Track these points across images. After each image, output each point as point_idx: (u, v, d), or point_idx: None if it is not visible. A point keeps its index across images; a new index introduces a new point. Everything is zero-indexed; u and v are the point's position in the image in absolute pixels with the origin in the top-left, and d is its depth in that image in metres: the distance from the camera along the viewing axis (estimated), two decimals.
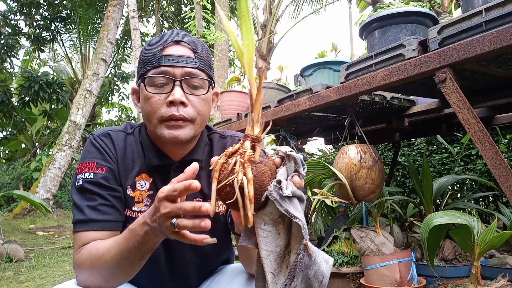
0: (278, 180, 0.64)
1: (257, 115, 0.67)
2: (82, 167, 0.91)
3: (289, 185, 0.65)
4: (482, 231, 1.37)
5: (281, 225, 0.68)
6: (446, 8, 1.75)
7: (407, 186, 3.36)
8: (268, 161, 0.66)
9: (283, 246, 0.69)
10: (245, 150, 0.64)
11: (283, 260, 0.70)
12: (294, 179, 0.66)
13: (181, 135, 0.89)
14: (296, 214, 0.64)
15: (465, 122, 1.19)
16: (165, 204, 0.67)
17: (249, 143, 0.65)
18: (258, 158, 0.65)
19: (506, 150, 3.01)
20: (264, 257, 0.68)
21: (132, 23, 5.74)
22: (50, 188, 7.16)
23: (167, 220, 0.68)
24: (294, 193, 0.65)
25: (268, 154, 0.68)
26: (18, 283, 2.96)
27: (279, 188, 0.63)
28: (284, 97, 2.11)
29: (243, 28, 0.67)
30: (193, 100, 0.91)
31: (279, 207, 0.64)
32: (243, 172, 0.62)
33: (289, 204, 0.64)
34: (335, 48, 2.54)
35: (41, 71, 12.00)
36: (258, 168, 0.64)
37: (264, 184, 0.64)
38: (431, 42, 1.29)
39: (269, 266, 0.68)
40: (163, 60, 0.89)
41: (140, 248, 0.75)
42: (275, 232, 0.68)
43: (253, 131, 0.66)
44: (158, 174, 0.98)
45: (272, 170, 0.67)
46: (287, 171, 0.67)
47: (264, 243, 0.68)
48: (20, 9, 10.58)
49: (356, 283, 2.06)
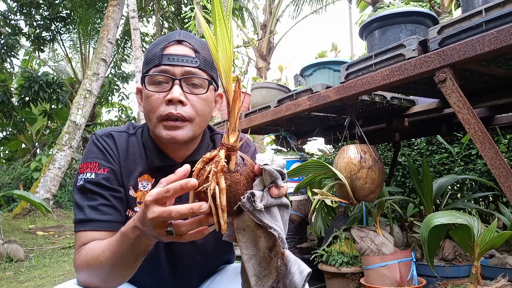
0: (252, 192, 0.63)
1: (233, 123, 0.65)
2: (84, 167, 0.91)
3: (265, 197, 0.64)
4: (482, 231, 1.37)
5: (260, 230, 0.67)
6: (446, 8, 1.75)
7: (407, 186, 3.36)
8: (246, 170, 0.65)
9: (266, 249, 0.68)
10: (219, 159, 0.63)
11: (270, 262, 0.69)
12: (271, 191, 0.65)
13: (179, 136, 0.89)
14: (271, 224, 0.63)
15: (465, 122, 1.19)
16: (153, 209, 0.65)
17: (223, 152, 0.64)
18: (234, 167, 0.64)
19: (506, 150, 3.01)
20: (246, 260, 0.67)
21: (132, 23, 5.74)
22: (50, 188, 7.16)
23: (158, 226, 0.66)
24: (271, 204, 0.64)
25: (246, 162, 0.67)
26: (18, 283, 2.97)
27: (253, 201, 0.62)
28: (284, 97, 2.11)
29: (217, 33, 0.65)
30: (193, 100, 0.90)
31: (253, 218, 0.63)
32: (216, 181, 0.61)
33: (265, 214, 0.64)
34: (335, 48, 2.54)
35: (41, 71, 12.01)
36: (233, 177, 0.63)
37: (238, 193, 0.64)
38: (431, 42, 1.29)
39: (252, 269, 0.67)
40: (163, 59, 0.89)
41: (133, 251, 0.74)
42: (255, 236, 0.67)
43: (228, 140, 0.65)
44: (160, 175, 0.97)
45: (250, 178, 0.66)
46: (264, 182, 0.65)
47: (245, 247, 0.67)
48: (20, 9, 10.58)
49: (356, 283, 2.06)
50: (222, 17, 0.65)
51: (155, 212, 0.65)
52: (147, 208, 0.66)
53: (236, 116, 0.65)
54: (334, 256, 2.13)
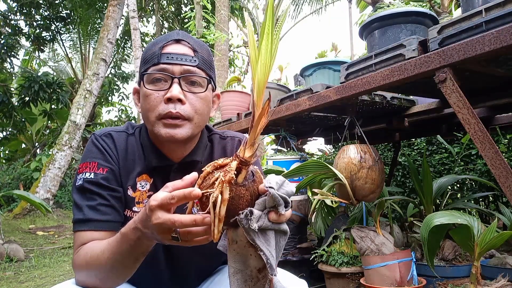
0: (251, 210, 0.63)
1: (253, 138, 0.65)
2: (83, 166, 0.91)
3: (262, 218, 0.63)
4: (482, 231, 1.37)
5: (252, 248, 0.66)
6: (446, 8, 1.75)
7: (407, 186, 3.36)
8: (252, 186, 0.65)
9: (255, 268, 0.67)
10: (230, 170, 0.63)
11: (256, 283, 0.67)
12: (270, 215, 0.64)
13: (178, 134, 0.89)
14: (262, 247, 0.63)
15: (465, 122, 1.19)
16: (158, 215, 0.65)
17: (235, 164, 0.64)
18: (242, 180, 0.64)
19: (506, 150, 3.01)
20: (231, 273, 0.67)
21: (132, 23, 5.74)
22: (50, 188, 7.16)
23: (162, 231, 0.66)
24: (266, 227, 0.64)
25: (255, 179, 0.66)
26: (18, 283, 2.97)
27: (249, 219, 0.62)
28: (284, 97, 2.11)
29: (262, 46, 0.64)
30: (191, 98, 0.90)
31: (246, 235, 0.63)
32: (220, 190, 0.61)
33: (259, 235, 0.63)
34: (335, 48, 2.54)
35: (41, 71, 12.02)
36: (238, 190, 0.63)
37: (239, 208, 0.63)
38: (431, 42, 1.29)
39: (236, 284, 0.66)
40: (162, 58, 0.89)
41: (133, 252, 0.74)
42: (246, 252, 0.67)
43: (243, 153, 0.65)
44: (158, 175, 0.98)
45: (254, 195, 0.65)
46: (266, 204, 0.65)
47: (233, 260, 0.67)
48: (20, 9, 10.58)
49: (356, 283, 2.06)
50: (270, 32, 0.64)
51: (160, 218, 0.64)
52: (151, 213, 0.66)
53: (258, 132, 0.64)
54: (334, 256, 2.13)
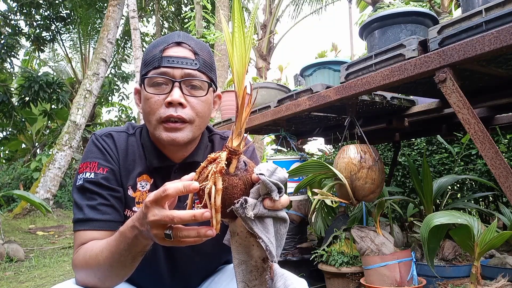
0: (245, 198, 0.63)
1: (239, 127, 0.65)
2: (83, 166, 0.92)
3: (258, 206, 0.64)
4: (482, 231, 1.37)
5: (253, 238, 0.66)
6: (446, 8, 1.75)
7: (407, 186, 3.36)
8: (245, 175, 0.66)
9: (260, 258, 0.68)
10: (220, 160, 0.63)
11: (262, 273, 0.68)
12: (264, 202, 0.64)
13: (179, 138, 0.89)
14: (260, 234, 0.63)
15: (465, 122, 1.19)
16: (154, 211, 0.65)
17: (225, 154, 0.65)
18: (233, 170, 0.65)
19: (506, 150, 3.01)
20: (236, 265, 0.68)
21: (132, 23, 5.74)
22: (50, 188, 7.16)
23: (157, 228, 0.65)
24: (263, 215, 0.64)
25: (248, 168, 0.67)
26: (18, 283, 2.97)
27: (244, 208, 0.63)
28: (284, 97, 2.11)
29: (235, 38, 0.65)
30: (192, 102, 0.90)
31: (245, 225, 0.64)
32: (213, 181, 0.62)
33: (257, 223, 0.64)
34: (335, 48, 2.54)
35: (41, 71, 12.04)
36: (231, 180, 0.64)
37: (234, 197, 0.64)
38: (431, 42, 1.29)
39: (241, 275, 0.67)
40: (163, 61, 0.89)
41: (131, 251, 0.74)
42: (248, 243, 0.67)
43: (231, 143, 0.65)
44: (159, 176, 0.98)
45: (248, 184, 0.66)
46: (259, 192, 0.65)
47: (236, 252, 0.68)
48: (20, 9, 10.59)
49: (356, 283, 2.06)
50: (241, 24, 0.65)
51: (156, 215, 0.64)
52: (147, 209, 0.65)
53: (243, 121, 0.65)
54: (334, 256, 2.13)
